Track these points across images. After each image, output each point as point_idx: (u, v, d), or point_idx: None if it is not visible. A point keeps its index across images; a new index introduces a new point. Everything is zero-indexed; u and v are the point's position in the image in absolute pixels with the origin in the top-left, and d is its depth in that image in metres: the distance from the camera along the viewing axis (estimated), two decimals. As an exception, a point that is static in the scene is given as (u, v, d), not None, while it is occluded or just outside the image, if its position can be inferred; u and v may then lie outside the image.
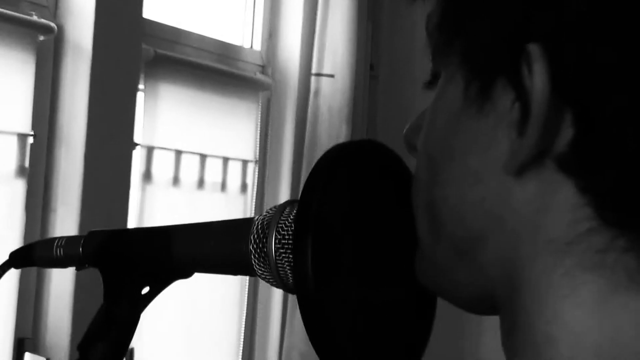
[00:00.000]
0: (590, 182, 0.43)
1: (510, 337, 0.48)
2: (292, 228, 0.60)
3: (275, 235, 0.61)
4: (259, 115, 2.41)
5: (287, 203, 0.63)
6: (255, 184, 2.40)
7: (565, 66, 0.42)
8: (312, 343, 0.55)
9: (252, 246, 0.62)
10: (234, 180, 2.33)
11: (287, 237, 0.61)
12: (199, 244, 0.66)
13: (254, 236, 0.63)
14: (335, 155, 0.58)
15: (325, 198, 0.55)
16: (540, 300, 0.45)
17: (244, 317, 2.38)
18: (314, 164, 0.58)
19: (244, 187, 2.37)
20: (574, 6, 0.42)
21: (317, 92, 2.44)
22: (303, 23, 2.47)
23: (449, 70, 0.50)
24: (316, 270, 0.54)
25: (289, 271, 0.61)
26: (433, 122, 0.51)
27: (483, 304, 0.51)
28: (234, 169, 2.33)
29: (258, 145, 2.41)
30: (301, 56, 2.47)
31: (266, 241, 0.62)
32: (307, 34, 2.48)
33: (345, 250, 0.58)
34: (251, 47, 2.49)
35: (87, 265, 0.70)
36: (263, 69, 2.49)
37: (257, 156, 2.41)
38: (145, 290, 0.68)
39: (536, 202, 0.45)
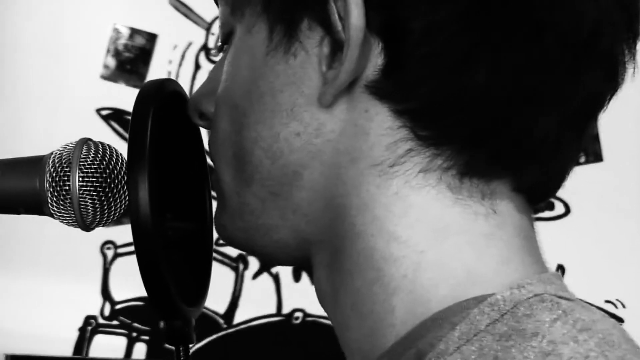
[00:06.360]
0: (402, 104, 0.46)
1: (334, 267, 0.49)
2: (101, 166, 0.61)
3: (79, 173, 0.61)
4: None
5: (82, 142, 0.63)
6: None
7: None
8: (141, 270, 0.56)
9: (49, 183, 0.62)
10: None
11: (90, 175, 0.61)
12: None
13: (50, 174, 0.62)
14: (153, 95, 0.59)
15: (152, 138, 0.57)
16: (375, 221, 0.47)
17: None
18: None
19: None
20: None
21: None
22: None
23: (245, 23, 0.52)
24: (153, 208, 0.55)
25: (90, 209, 0.61)
26: (234, 75, 0.52)
27: (294, 251, 0.52)
28: None
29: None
30: None
31: (67, 179, 0.61)
32: None
33: (167, 188, 0.60)
34: None
35: None
36: None
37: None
38: None
39: (350, 130, 0.48)
